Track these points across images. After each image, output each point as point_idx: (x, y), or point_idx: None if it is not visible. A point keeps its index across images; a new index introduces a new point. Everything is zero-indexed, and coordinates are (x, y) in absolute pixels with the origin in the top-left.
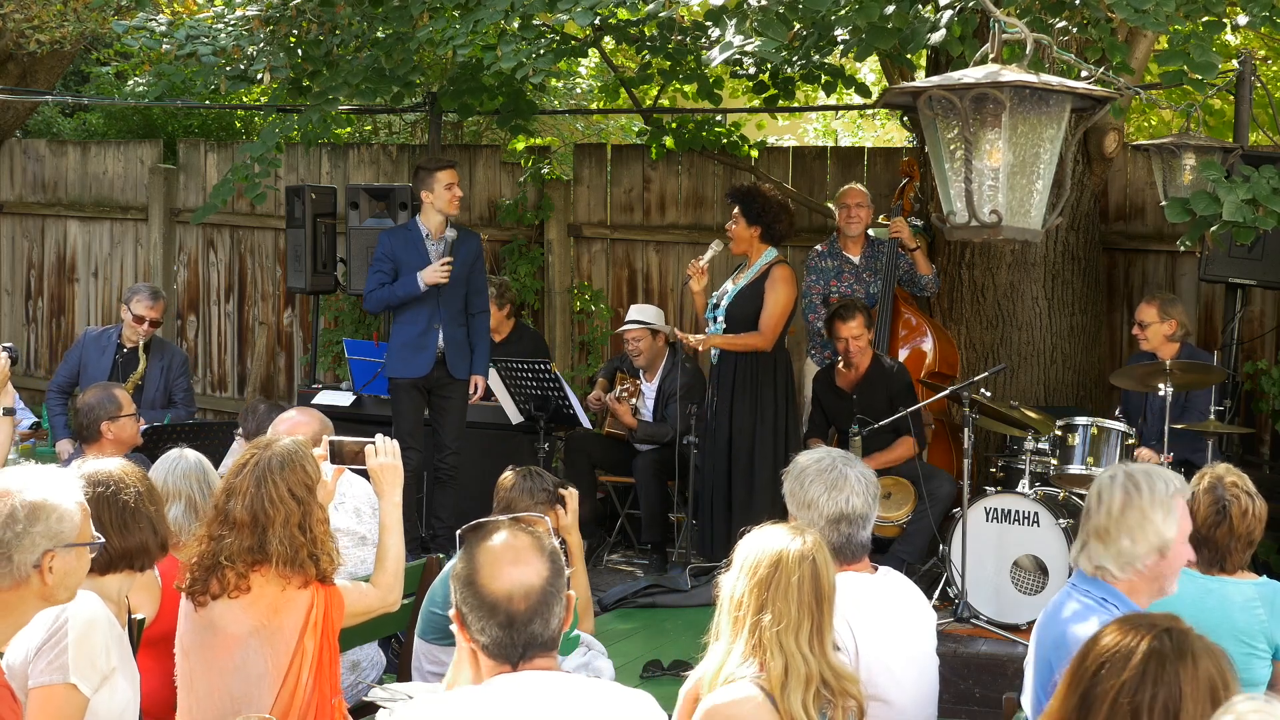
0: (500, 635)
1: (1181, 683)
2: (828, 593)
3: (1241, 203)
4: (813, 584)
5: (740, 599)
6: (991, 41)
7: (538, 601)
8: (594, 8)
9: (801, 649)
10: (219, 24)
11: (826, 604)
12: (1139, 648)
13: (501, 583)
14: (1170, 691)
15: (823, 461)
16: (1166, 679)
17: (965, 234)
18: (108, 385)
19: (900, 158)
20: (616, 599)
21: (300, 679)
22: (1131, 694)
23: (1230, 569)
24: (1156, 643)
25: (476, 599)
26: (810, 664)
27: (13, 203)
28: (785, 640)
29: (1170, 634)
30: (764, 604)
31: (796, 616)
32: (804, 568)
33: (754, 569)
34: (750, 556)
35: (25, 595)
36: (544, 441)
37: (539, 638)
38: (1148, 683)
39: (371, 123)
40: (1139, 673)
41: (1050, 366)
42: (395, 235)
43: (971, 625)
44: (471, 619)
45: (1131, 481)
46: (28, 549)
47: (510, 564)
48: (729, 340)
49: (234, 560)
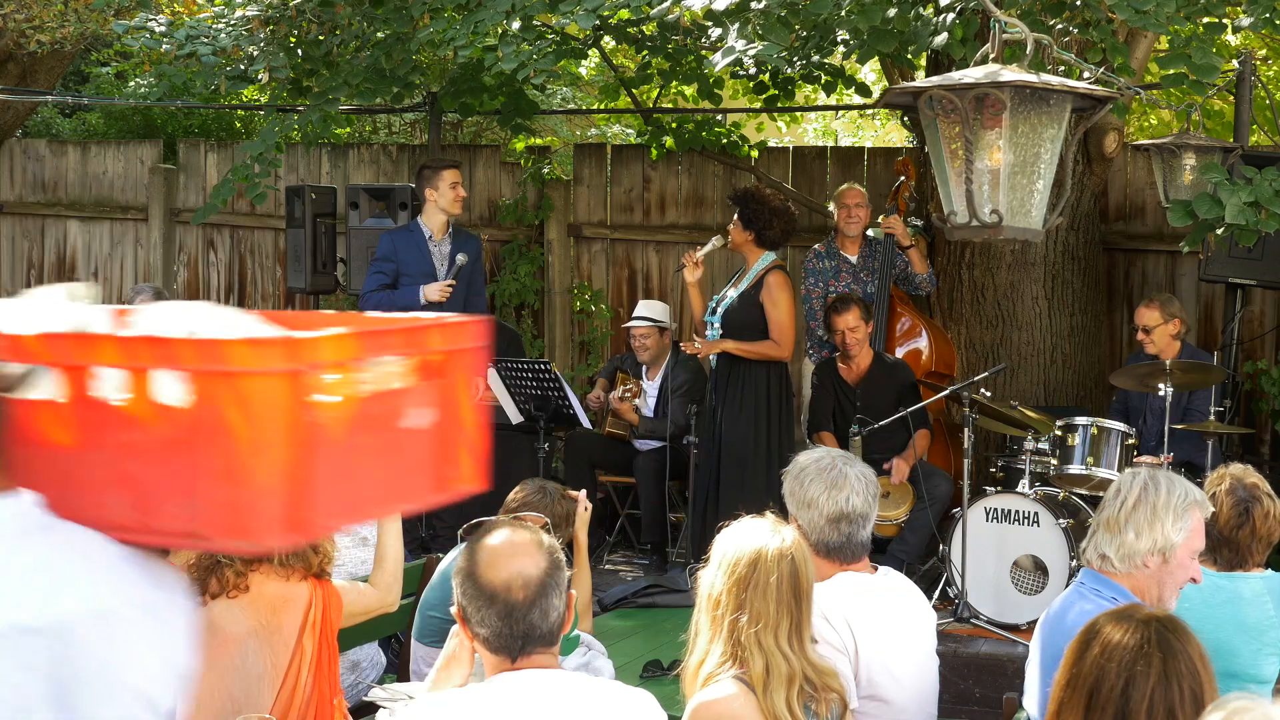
0: (499, 626)
1: (1167, 673)
2: (806, 590)
3: (1244, 205)
4: (791, 582)
5: (719, 598)
6: (992, 42)
7: (536, 592)
8: (596, 10)
9: (781, 647)
10: (219, 24)
11: (805, 601)
12: (1129, 640)
13: (500, 573)
14: (1159, 679)
15: (822, 461)
16: (1155, 668)
17: (966, 234)
18: None
19: (898, 158)
20: (616, 599)
21: (300, 679)
22: (1125, 681)
23: (1248, 570)
24: (1145, 632)
25: (475, 589)
26: (792, 662)
27: (13, 203)
28: (765, 639)
29: (1160, 624)
30: (743, 603)
31: (775, 615)
32: (783, 566)
33: (732, 567)
34: (729, 554)
35: None
36: (544, 441)
37: (537, 629)
38: (1141, 671)
39: (371, 123)
40: (1132, 661)
41: (1050, 366)
42: (397, 236)
43: (971, 625)
44: (471, 610)
45: (1153, 481)
46: None
47: (509, 556)
48: (743, 347)
49: (233, 559)
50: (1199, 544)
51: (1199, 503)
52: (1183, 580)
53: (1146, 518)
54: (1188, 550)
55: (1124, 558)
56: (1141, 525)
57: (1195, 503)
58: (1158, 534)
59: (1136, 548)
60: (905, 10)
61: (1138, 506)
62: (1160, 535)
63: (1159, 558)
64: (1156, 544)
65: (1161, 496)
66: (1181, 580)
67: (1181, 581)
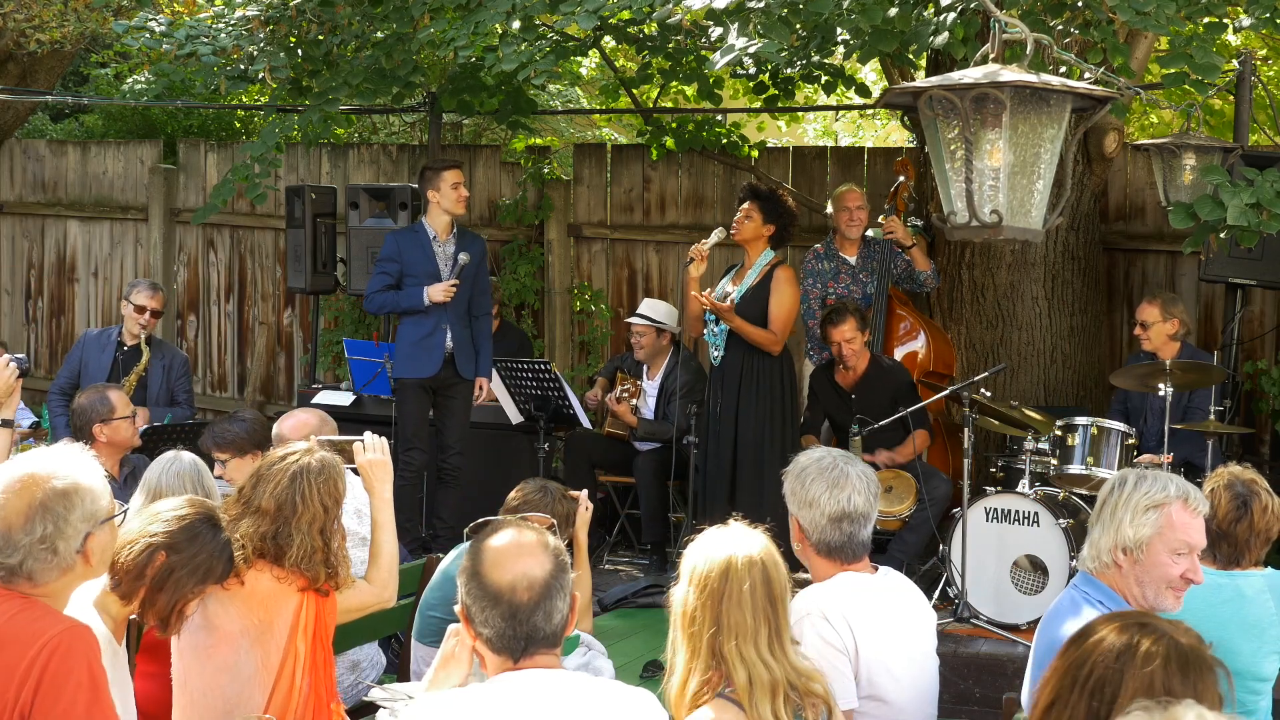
0: (503, 627)
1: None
2: (780, 594)
3: (1245, 207)
4: (765, 589)
5: (693, 614)
6: (992, 42)
7: (540, 594)
8: (597, 10)
9: (762, 656)
10: (219, 24)
11: (781, 605)
12: (1118, 639)
13: (505, 574)
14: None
15: (824, 460)
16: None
17: (966, 234)
18: (101, 387)
19: (898, 158)
20: (616, 599)
21: (295, 681)
22: (1114, 679)
23: (1246, 566)
24: (1130, 638)
25: (480, 589)
26: (774, 670)
27: (13, 203)
28: (745, 651)
29: (1145, 628)
30: (719, 617)
31: (753, 624)
32: (754, 573)
33: (703, 582)
34: (699, 568)
35: (70, 581)
36: (544, 441)
37: (541, 630)
38: (1120, 673)
39: (371, 123)
40: (1116, 666)
41: (1050, 366)
42: (402, 237)
43: (971, 625)
44: (475, 610)
45: (1122, 480)
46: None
47: (514, 557)
48: (745, 326)
49: (244, 544)
50: (1182, 540)
51: (1172, 498)
52: (1163, 578)
53: (1108, 515)
54: (1164, 546)
55: (1095, 556)
56: (1106, 523)
57: (1168, 498)
58: (1113, 531)
59: (1102, 545)
60: (907, 10)
61: (1104, 505)
62: (1117, 533)
63: (1126, 555)
64: (1117, 541)
65: (1124, 494)
66: (1161, 578)
67: (1163, 579)
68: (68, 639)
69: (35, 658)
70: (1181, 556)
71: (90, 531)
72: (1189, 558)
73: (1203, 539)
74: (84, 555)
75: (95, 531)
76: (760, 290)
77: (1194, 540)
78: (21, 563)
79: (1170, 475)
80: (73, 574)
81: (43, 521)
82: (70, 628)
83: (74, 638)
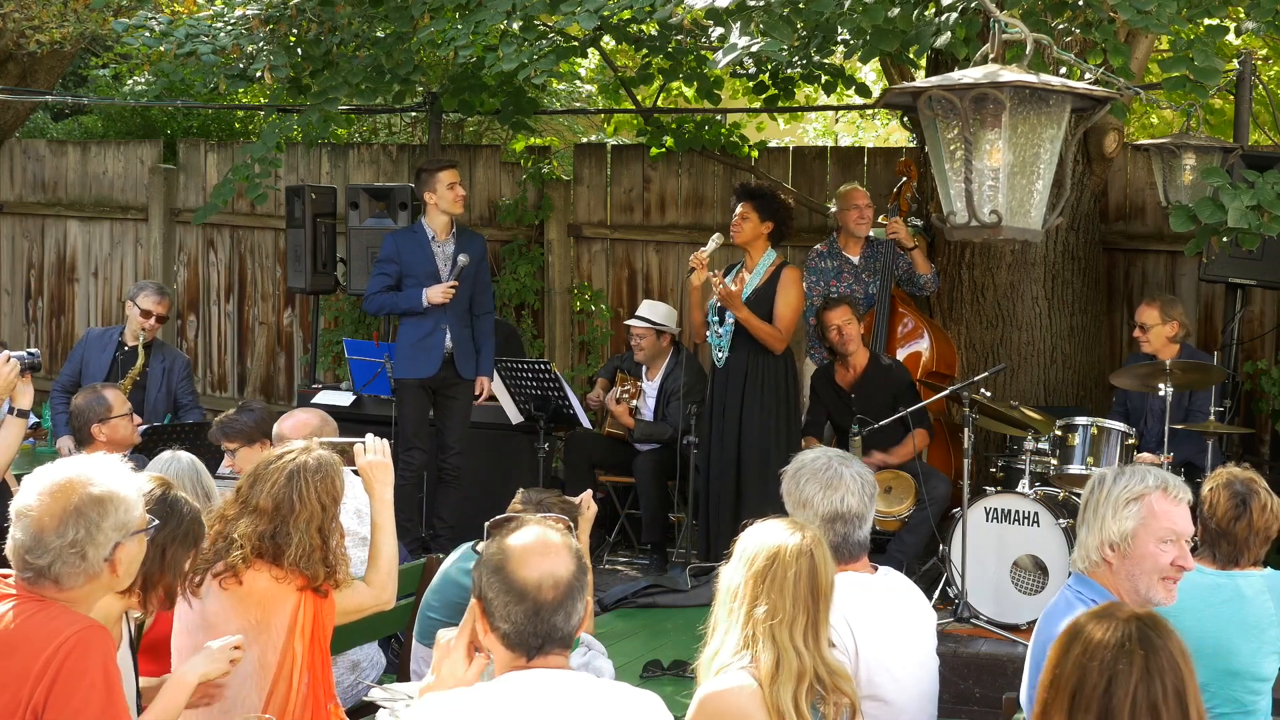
0: (524, 623)
1: (1149, 669)
2: (825, 589)
3: (1246, 209)
4: (809, 580)
5: (736, 590)
6: (992, 42)
7: (564, 594)
8: (598, 10)
9: (795, 643)
10: (219, 23)
11: (823, 600)
12: (1110, 638)
13: (533, 570)
14: (1141, 676)
15: (818, 461)
16: (1137, 665)
17: (965, 234)
18: (98, 387)
19: (898, 158)
20: (616, 599)
21: (293, 682)
22: (1108, 680)
23: (1245, 566)
24: (1126, 630)
25: (505, 584)
26: (804, 659)
27: (13, 203)
28: (779, 634)
29: (1140, 621)
30: (759, 596)
31: (791, 610)
32: (801, 562)
33: (751, 561)
34: (749, 549)
35: (94, 590)
36: (544, 441)
37: (559, 630)
38: (1123, 669)
39: (371, 123)
40: (1114, 659)
41: (1050, 366)
42: (401, 237)
43: (971, 625)
44: (497, 604)
45: (1101, 478)
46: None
47: (541, 554)
48: (751, 318)
49: (243, 544)
50: (1167, 528)
51: (1151, 488)
52: (1154, 569)
53: (1092, 514)
54: (1150, 536)
55: (1084, 556)
56: (1090, 522)
57: (1146, 489)
58: (1098, 529)
59: (1090, 544)
60: (908, 10)
61: (1086, 504)
62: (1101, 530)
63: (1114, 551)
64: (1103, 538)
65: (1105, 491)
66: (1152, 569)
67: (1154, 570)
68: (84, 638)
69: (51, 657)
70: (1169, 544)
71: (120, 541)
72: (1177, 545)
73: (1189, 525)
74: (111, 564)
75: (125, 542)
76: (767, 291)
77: (1179, 527)
78: (50, 565)
79: (1149, 468)
80: (98, 582)
81: (75, 526)
82: (87, 627)
83: (90, 637)
